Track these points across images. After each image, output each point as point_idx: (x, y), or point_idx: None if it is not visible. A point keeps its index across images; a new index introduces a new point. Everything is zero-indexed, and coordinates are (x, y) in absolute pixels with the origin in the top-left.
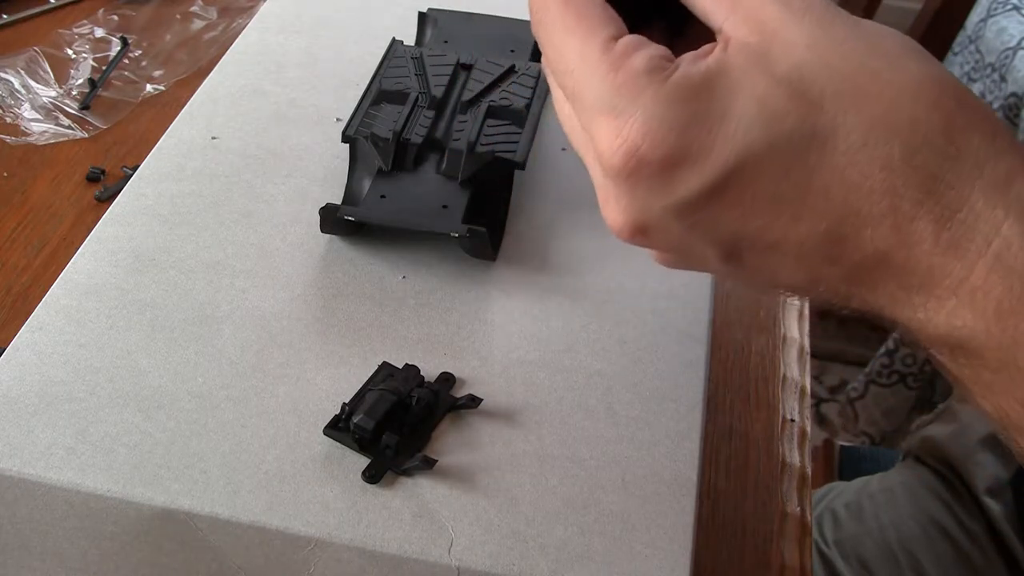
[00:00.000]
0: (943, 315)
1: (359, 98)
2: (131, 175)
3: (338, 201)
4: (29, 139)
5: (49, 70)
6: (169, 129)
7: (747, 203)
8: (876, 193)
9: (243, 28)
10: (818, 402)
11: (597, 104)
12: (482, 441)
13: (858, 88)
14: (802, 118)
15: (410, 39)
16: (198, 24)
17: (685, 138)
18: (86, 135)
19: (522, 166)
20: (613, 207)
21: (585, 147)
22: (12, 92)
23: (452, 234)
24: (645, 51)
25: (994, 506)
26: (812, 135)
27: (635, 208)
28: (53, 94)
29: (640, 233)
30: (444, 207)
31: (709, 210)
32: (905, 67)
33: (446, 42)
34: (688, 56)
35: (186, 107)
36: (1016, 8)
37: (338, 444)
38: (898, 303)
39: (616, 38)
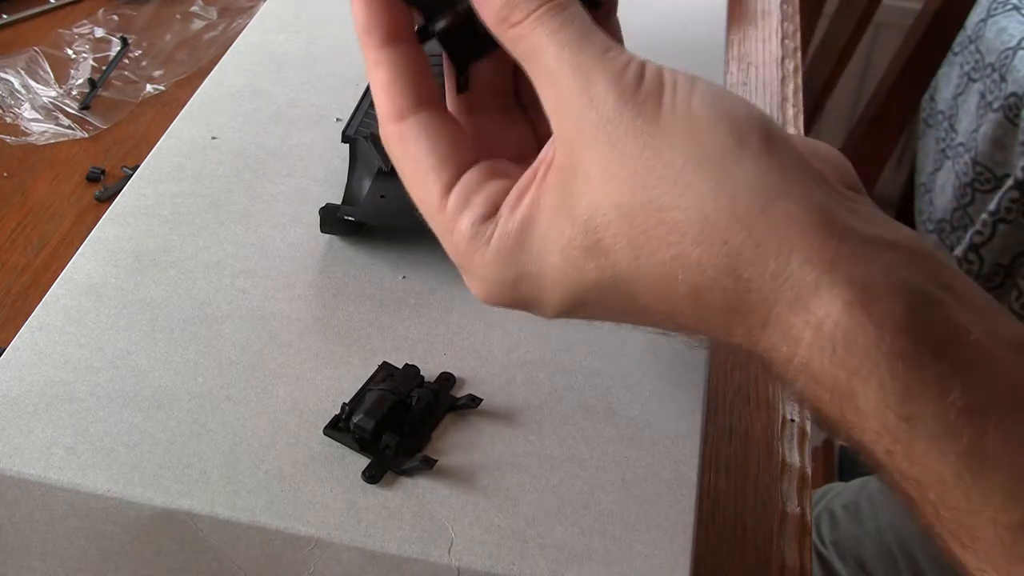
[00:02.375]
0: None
1: (359, 98)
2: (131, 175)
3: (338, 201)
4: (29, 139)
5: (49, 70)
6: (169, 129)
7: (592, 317)
8: (687, 317)
9: (243, 28)
10: None
11: (453, 258)
12: (482, 441)
13: (646, 233)
14: (600, 268)
15: None
16: (198, 24)
17: (518, 293)
18: (86, 135)
19: None
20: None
21: None
22: (12, 92)
23: None
24: (469, 213)
25: None
26: (614, 282)
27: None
28: (53, 94)
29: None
30: None
31: (570, 316)
32: (693, 195)
33: None
34: (510, 200)
35: (186, 107)
36: (1016, 8)
37: (338, 444)
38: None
39: (450, 187)
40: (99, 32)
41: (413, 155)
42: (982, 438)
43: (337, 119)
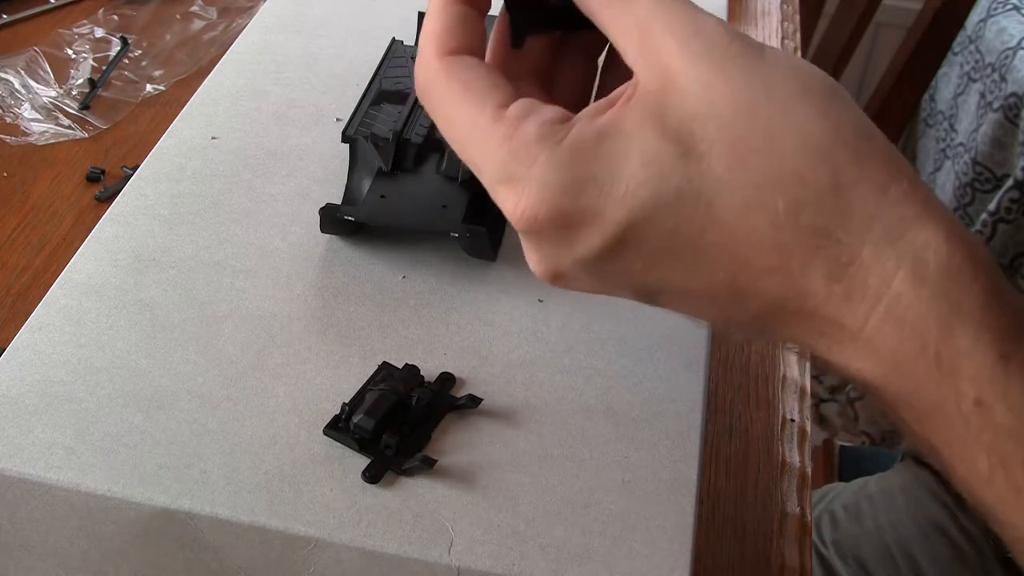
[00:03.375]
0: (844, 359)
1: (359, 98)
2: (131, 175)
3: (338, 201)
4: (29, 139)
5: (49, 70)
6: (169, 129)
7: (645, 258)
8: (765, 248)
9: (243, 28)
10: (818, 402)
11: (494, 173)
12: (482, 441)
13: (746, 143)
14: (688, 178)
15: (410, 39)
16: (198, 24)
17: (579, 202)
18: (86, 135)
19: None
20: (530, 258)
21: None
22: (12, 92)
23: (452, 234)
24: (537, 116)
25: None
26: (698, 194)
27: (547, 261)
28: (53, 94)
29: (558, 279)
30: (444, 207)
31: (612, 264)
32: (799, 116)
33: None
34: (589, 110)
35: (186, 107)
36: (1016, 8)
37: (338, 444)
38: (806, 344)
39: (506, 105)
40: (99, 32)
41: (463, 79)
42: None
43: (337, 119)
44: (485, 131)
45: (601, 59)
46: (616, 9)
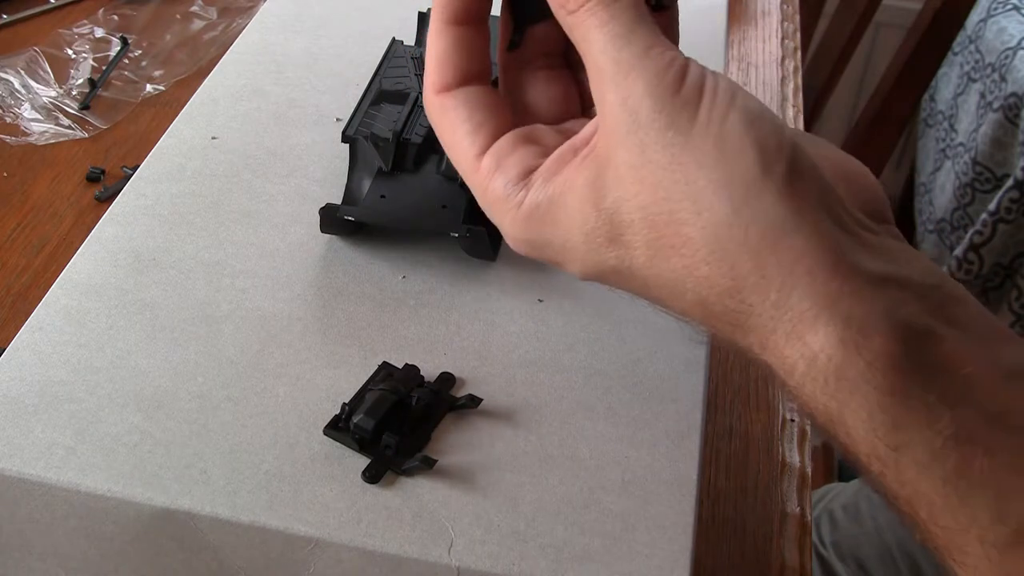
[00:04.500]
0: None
1: (359, 98)
2: (131, 175)
3: (338, 201)
4: (29, 139)
5: (49, 70)
6: (169, 129)
7: (615, 285)
8: (696, 318)
9: (243, 28)
10: None
11: (484, 209)
12: (482, 441)
13: (663, 241)
14: (618, 260)
15: (410, 39)
16: (198, 24)
17: (544, 255)
18: (86, 135)
19: None
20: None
21: None
22: (12, 92)
23: (452, 234)
24: (502, 174)
25: None
26: (631, 276)
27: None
28: (53, 94)
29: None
30: (444, 207)
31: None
32: (711, 216)
33: None
34: (548, 163)
35: (186, 107)
36: (1016, 8)
37: (338, 444)
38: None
39: (481, 154)
40: (99, 32)
41: (451, 121)
42: (969, 463)
43: (337, 119)
44: (469, 175)
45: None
46: (578, 44)
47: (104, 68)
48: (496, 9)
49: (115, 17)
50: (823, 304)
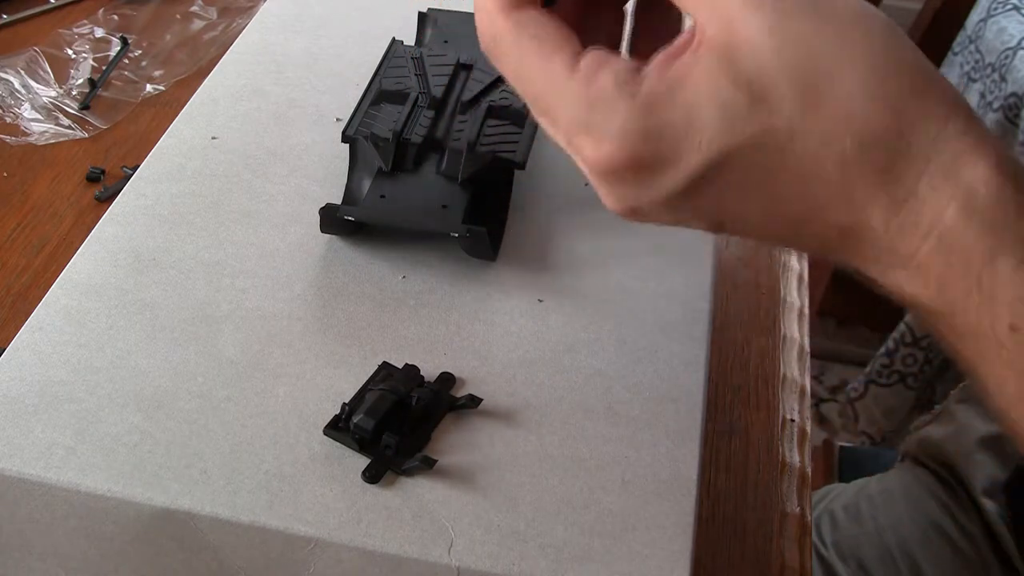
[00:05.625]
0: (899, 283)
1: (359, 98)
2: (131, 175)
3: (338, 201)
4: (29, 139)
5: (49, 70)
6: (169, 129)
7: (719, 196)
8: (832, 185)
9: (243, 28)
10: (818, 402)
11: (572, 124)
12: (482, 441)
13: (815, 90)
14: (761, 124)
15: (410, 39)
16: (198, 24)
17: (658, 149)
18: (86, 135)
19: (522, 166)
20: (607, 201)
21: (571, 155)
22: (12, 92)
23: (452, 234)
24: (610, 67)
25: (991, 507)
26: (770, 138)
27: (625, 200)
28: (53, 94)
29: (635, 215)
30: (444, 207)
31: (688, 201)
32: (863, 62)
33: (446, 42)
34: (658, 62)
35: (186, 107)
36: (1016, 8)
37: (338, 444)
38: (866, 267)
39: (577, 57)
40: (99, 32)
41: (532, 34)
42: None
43: (337, 119)
44: (561, 84)
45: (629, 7)
46: None
47: (104, 68)
48: None
49: (115, 17)
50: (976, 136)
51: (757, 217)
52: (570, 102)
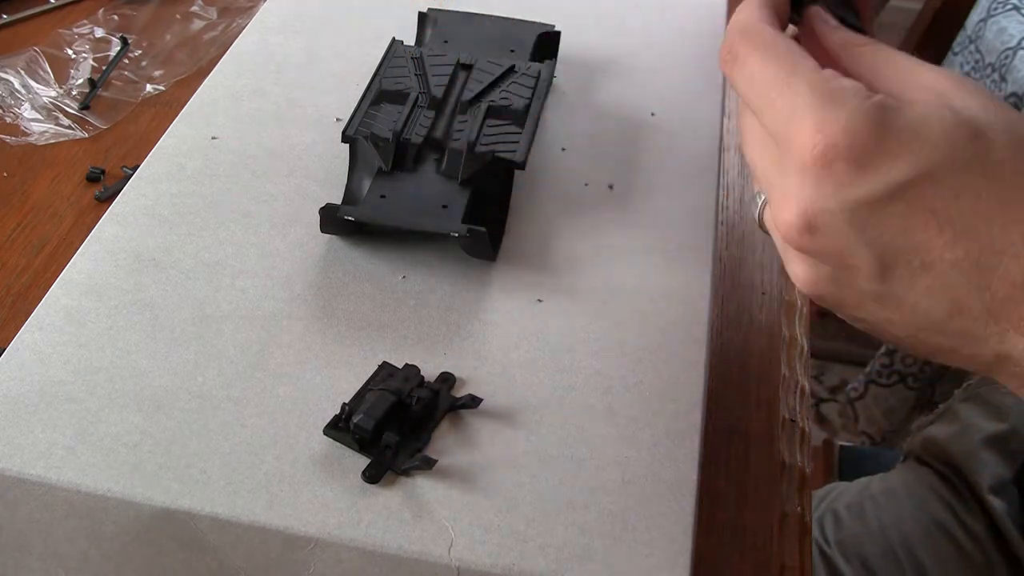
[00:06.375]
0: None
1: (359, 98)
2: (131, 175)
3: (338, 201)
4: (29, 139)
5: (49, 70)
6: (169, 129)
7: (916, 215)
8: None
9: (243, 28)
10: (818, 402)
11: (805, 105)
12: (482, 441)
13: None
14: (979, 153)
15: (410, 39)
16: (198, 24)
17: (880, 143)
18: (86, 135)
19: (522, 166)
20: (791, 202)
21: (768, 155)
22: (12, 92)
23: (452, 234)
24: (848, 79)
25: (997, 504)
26: (983, 168)
27: (814, 202)
28: (53, 94)
29: (808, 230)
30: (444, 207)
31: (881, 214)
32: None
33: (446, 42)
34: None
35: (186, 107)
36: (1016, 8)
37: (338, 444)
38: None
39: (819, 66)
40: (99, 32)
41: (788, 42)
42: None
43: (337, 119)
44: (807, 75)
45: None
46: (881, 65)
47: (104, 68)
48: None
49: (115, 17)
50: None
51: (938, 253)
52: (812, 87)
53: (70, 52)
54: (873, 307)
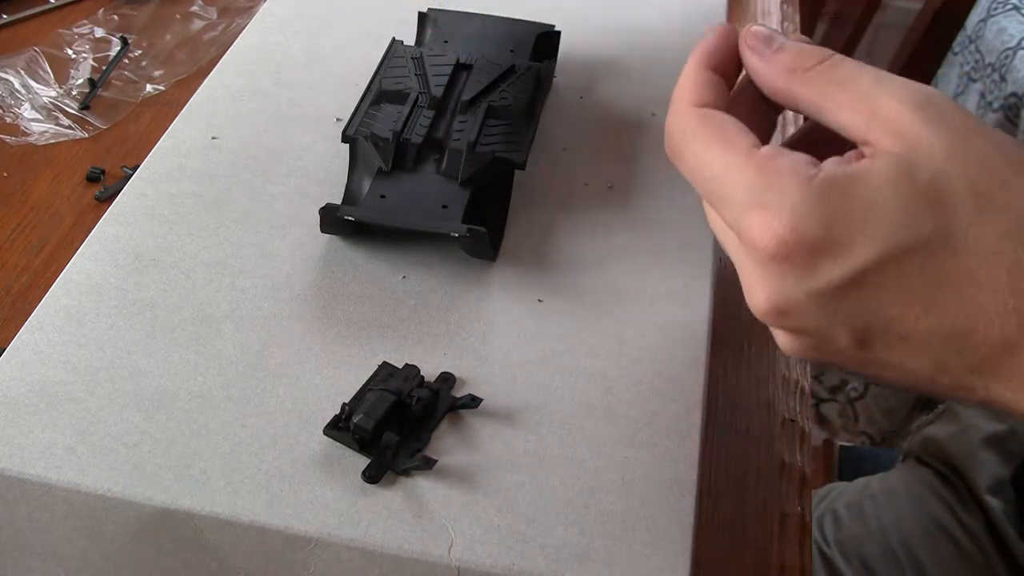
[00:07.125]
0: None
1: (359, 98)
2: (131, 175)
3: (338, 201)
4: (29, 139)
5: (49, 70)
6: (169, 129)
7: (882, 295)
8: (1003, 293)
9: (243, 28)
10: (818, 402)
11: (746, 201)
12: (482, 441)
13: (990, 199)
14: (939, 225)
15: (410, 39)
16: (198, 24)
17: (831, 232)
18: (86, 135)
19: (522, 166)
20: (758, 292)
21: (730, 242)
22: (12, 92)
23: (452, 234)
24: (788, 155)
25: (994, 504)
26: (947, 241)
27: (778, 292)
28: (53, 94)
29: (780, 315)
30: (444, 207)
31: (847, 298)
32: None
33: (446, 42)
34: (832, 160)
35: (186, 107)
36: (1016, 8)
37: (338, 444)
38: (1009, 402)
39: (756, 146)
40: (99, 32)
41: (718, 123)
42: None
43: (337, 119)
44: (737, 165)
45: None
46: (834, 89)
47: (104, 68)
48: None
49: (115, 17)
50: None
51: (912, 325)
52: (746, 179)
53: (70, 52)
54: (860, 367)
